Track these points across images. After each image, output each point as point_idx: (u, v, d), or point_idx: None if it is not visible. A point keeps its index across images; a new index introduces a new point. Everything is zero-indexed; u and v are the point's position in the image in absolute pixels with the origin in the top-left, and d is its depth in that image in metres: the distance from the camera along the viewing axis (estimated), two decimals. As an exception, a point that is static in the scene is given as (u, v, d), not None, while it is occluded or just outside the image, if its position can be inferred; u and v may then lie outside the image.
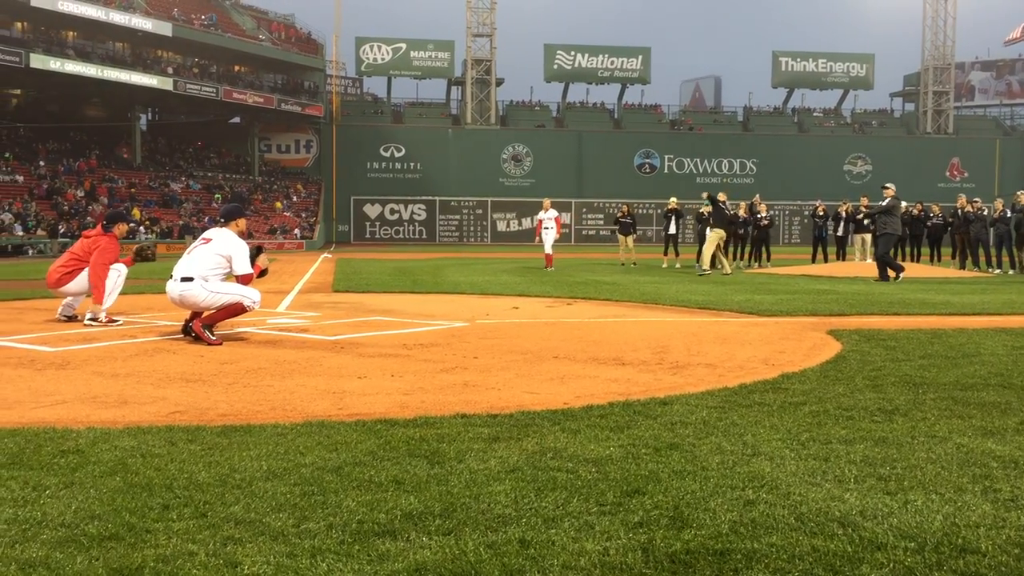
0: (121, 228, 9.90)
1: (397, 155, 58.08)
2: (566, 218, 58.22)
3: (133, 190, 47.69)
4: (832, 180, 56.94)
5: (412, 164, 58.19)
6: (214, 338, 7.75)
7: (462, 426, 4.53)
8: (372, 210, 57.21)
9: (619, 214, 26.04)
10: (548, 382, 5.97)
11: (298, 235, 49.48)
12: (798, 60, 62.82)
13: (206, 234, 8.44)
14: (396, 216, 57.54)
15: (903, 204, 17.62)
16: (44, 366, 6.53)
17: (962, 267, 22.76)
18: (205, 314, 7.95)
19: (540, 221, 23.00)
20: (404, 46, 59.33)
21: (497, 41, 59.05)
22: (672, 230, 23.90)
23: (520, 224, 56.75)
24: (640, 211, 51.13)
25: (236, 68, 54.58)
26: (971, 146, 61.64)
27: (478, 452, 4.03)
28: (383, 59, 59.26)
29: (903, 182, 49.55)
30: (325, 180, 57.26)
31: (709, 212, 20.92)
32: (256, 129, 56.30)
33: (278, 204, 53.19)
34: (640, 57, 61.57)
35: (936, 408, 5.05)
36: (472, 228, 57.57)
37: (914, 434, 4.43)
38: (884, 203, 17.37)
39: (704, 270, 19.87)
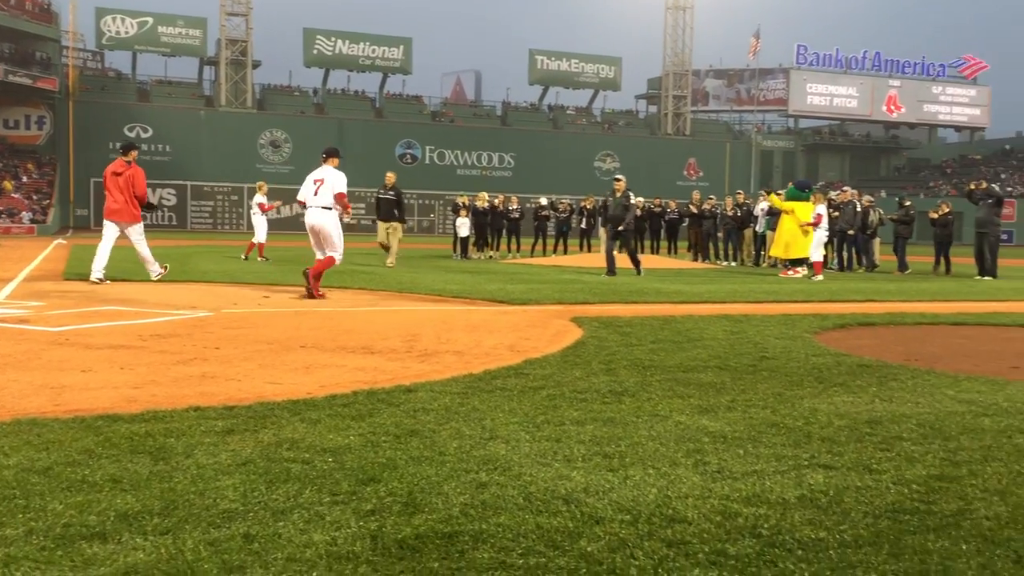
0: (133, 154, 12.90)
1: (144, 136, 54.50)
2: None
3: None
4: (584, 175, 59.64)
5: (161, 146, 54.82)
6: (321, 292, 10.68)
7: (195, 419, 4.32)
8: (115, 194, 53.40)
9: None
10: (292, 372, 5.82)
11: (28, 219, 45.25)
12: (553, 59, 65.19)
13: (316, 174, 11.29)
14: (142, 201, 54.07)
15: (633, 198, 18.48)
16: None
17: (695, 259, 24.61)
18: (315, 268, 10.85)
19: (262, 205, 20.40)
20: (151, 20, 55.70)
21: (253, 22, 56.87)
22: (464, 233, 24.16)
23: (279, 212, 55.02)
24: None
25: (-47, 32, 49.05)
26: (705, 148, 66.72)
27: (209, 446, 3.86)
28: (127, 32, 55.36)
29: (647, 179, 53.25)
30: (61, 160, 52.71)
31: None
32: (-22, 101, 50.88)
33: (7, 184, 48.41)
34: (401, 47, 61.49)
35: (660, 389, 5.41)
36: (227, 215, 55.22)
37: (639, 414, 4.72)
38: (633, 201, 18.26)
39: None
